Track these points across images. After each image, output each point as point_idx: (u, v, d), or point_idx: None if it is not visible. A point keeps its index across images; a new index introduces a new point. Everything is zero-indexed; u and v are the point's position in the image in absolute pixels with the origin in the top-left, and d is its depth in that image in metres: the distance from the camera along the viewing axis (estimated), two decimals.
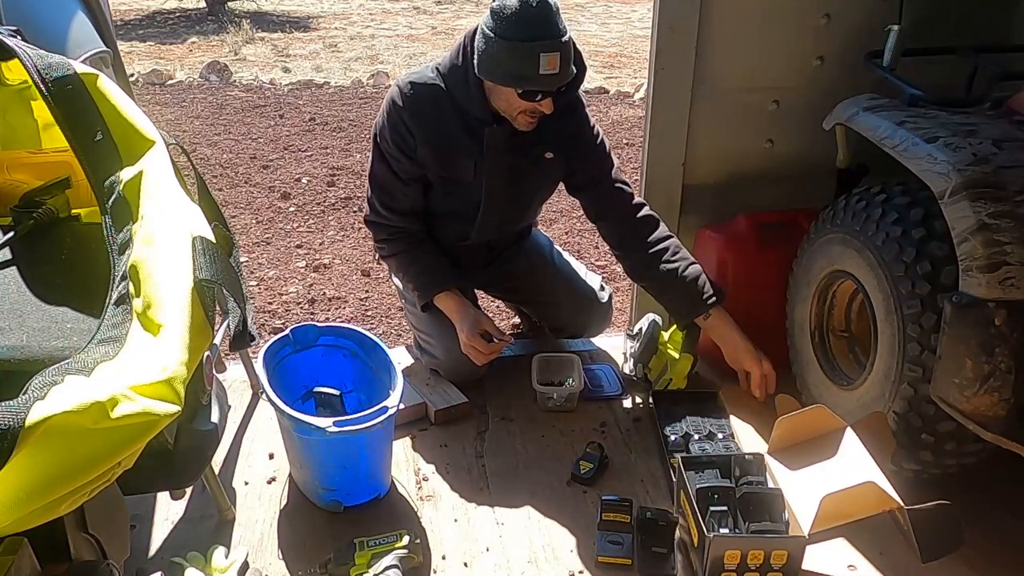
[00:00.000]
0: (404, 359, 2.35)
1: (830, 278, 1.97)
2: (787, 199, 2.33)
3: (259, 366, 1.79)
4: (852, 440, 1.68)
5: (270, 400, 1.69)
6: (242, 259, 2.96)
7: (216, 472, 1.78)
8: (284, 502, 1.82)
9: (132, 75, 6.42)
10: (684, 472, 1.67)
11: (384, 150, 2.02)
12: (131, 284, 1.08)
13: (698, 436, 1.96)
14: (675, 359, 2.15)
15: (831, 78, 2.27)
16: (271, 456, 1.97)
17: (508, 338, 2.13)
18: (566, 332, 2.45)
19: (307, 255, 3.56)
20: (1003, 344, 1.47)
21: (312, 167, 4.67)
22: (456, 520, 1.77)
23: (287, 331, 1.91)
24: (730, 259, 2.25)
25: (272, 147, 5.07)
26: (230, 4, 10.54)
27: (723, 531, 1.56)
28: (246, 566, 1.57)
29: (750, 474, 1.70)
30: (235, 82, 6.81)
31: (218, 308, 1.29)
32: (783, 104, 2.34)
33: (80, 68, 1.20)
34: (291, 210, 4.06)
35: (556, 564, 1.65)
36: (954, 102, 1.85)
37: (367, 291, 3.24)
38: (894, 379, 1.71)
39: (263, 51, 8.22)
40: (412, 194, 2.06)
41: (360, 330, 1.93)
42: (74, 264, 1.31)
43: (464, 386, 2.17)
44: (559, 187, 2.22)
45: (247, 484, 1.88)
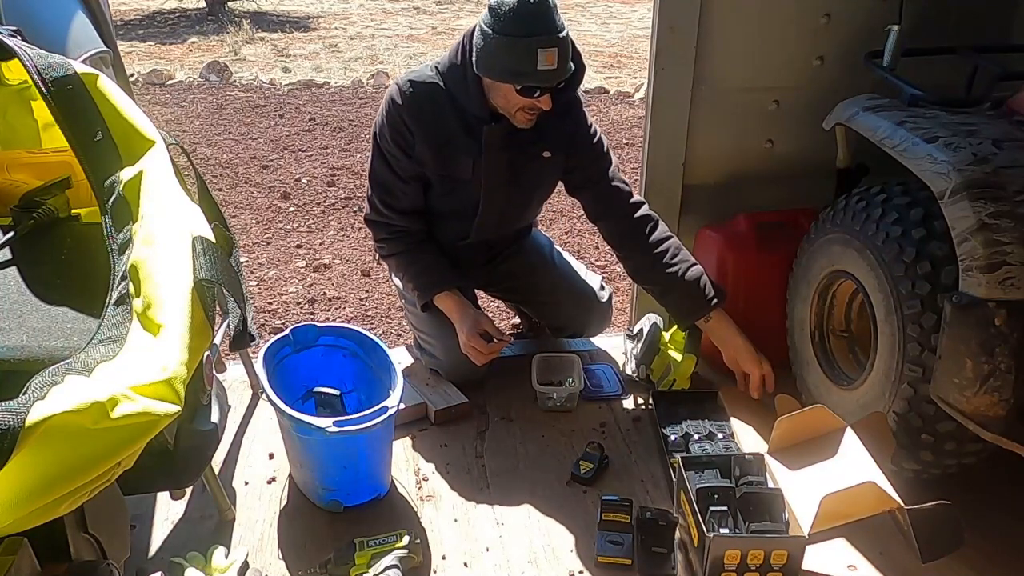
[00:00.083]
0: (404, 359, 2.35)
1: (830, 278, 1.97)
2: (787, 199, 2.33)
3: (259, 366, 1.79)
4: (852, 440, 1.68)
5: (270, 400, 1.69)
6: (242, 259, 2.96)
7: (216, 472, 1.78)
8: (284, 502, 1.82)
9: (132, 75, 6.42)
10: (684, 472, 1.67)
11: (384, 148, 2.02)
12: (131, 284, 1.08)
13: (698, 436, 1.96)
14: (677, 360, 2.16)
15: (831, 78, 2.27)
16: (271, 456, 1.97)
17: (508, 338, 2.13)
18: (566, 332, 2.45)
19: (307, 255, 3.56)
20: (1003, 344, 1.47)
21: (312, 167, 4.67)
22: (456, 520, 1.77)
23: (287, 331, 1.91)
24: (730, 259, 2.25)
25: (272, 147, 5.07)
26: (230, 4, 10.54)
27: (723, 531, 1.56)
28: (246, 566, 1.57)
29: (750, 474, 1.70)
30: (235, 82, 6.81)
31: (218, 308, 1.29)
32: (783, 104, 2.34)
33: (80, 68, 1.20)
34: (291, 210, 4.06)
35: (556, 564, 1.65)
36: (954, 102, 1.85)
37: (367, 291, 3.24)
38: (894, 379, 1.71)
39: (263, 51, 8.22)
40: (412, 193, 2.06)
41: (360, 330, 1.93)
42: (74, 264, 1.31)
43: (464, 386, 2.17)
44: (559, 188, 2.23)
45: (247, 484, 1.88)
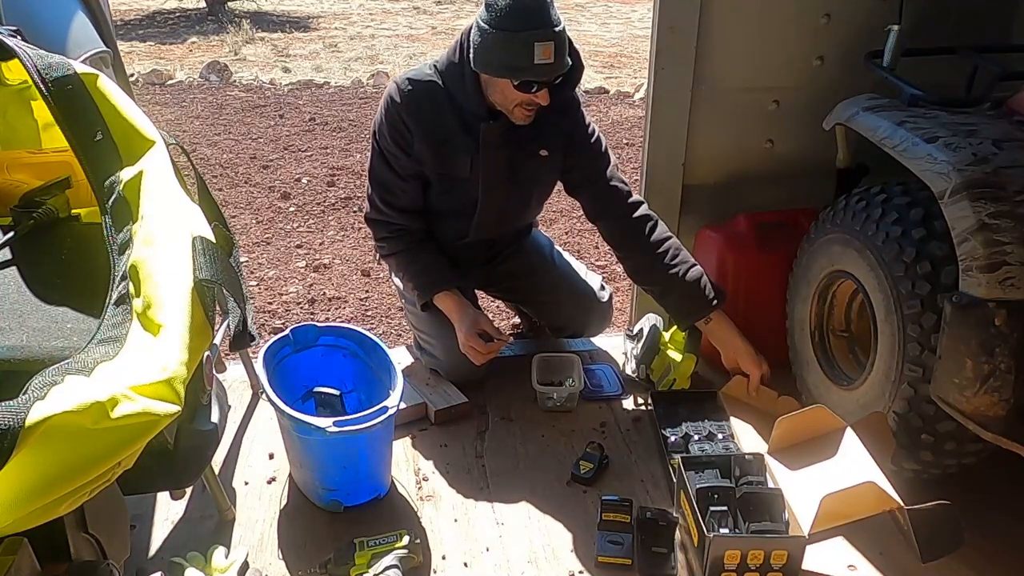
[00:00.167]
0: (404, 359, 2.35)
1: (830, 278, 1.97)
2: (787, 199, 2.33)
3: (259, 366, 1.79)
4: (852, 440, 1.68)
5: (270, 400, 1.69)
6: (242, 259, 2.96)
7: (216, 472, 1.78)
8: (284, 502, 1.82)
9: (132, 75, 6.42)
10: (684, 472, 1.67)
11: (383, 147, 2.03)
12: (131, 284, 1.08)
13: (698, 437, 1.96)
14: (677, 360, 2.16)
15: (831, 78, 2.27)
16: (271, 456, 1.97)
17: (507, 338, 2.13)
18: (566, 332, 2.45)
19: (307, 255, 3.56)
20: (1003, 344, 1.47)
21: (312, 167, 4.67)
22: (456, 520, 1.77)
23: (287, 331, 1.91)
24: (730, 259, 2.25)
25: (272, 147, 5.07)
26: (230, 4, 10.54)
27: (723, 531, 1.56)
28: (246, 566, 1.57)
29: (750, 474, 1.70)
30: (235, 82, 6.81)
31: (218, 308, 1.29)
32: (783, 104, 2.34)
33: (80, 68, 1.20)
34: (291, 210, 4.06)
35: (556, 564, 1.65)
36: (954, 102, 1.85)
37: (367, 291, 3.23)
38: (894, 379, 1.71)
39: (263, 51, 8.22)
40: (411, 191, 2.06)
41: (360, 330, 1.93)
42: (74, 264, 1.31)
43: (464, 386, 2.17)
44: (559, 188, 2.22)
45: (247, 484, 1.88)
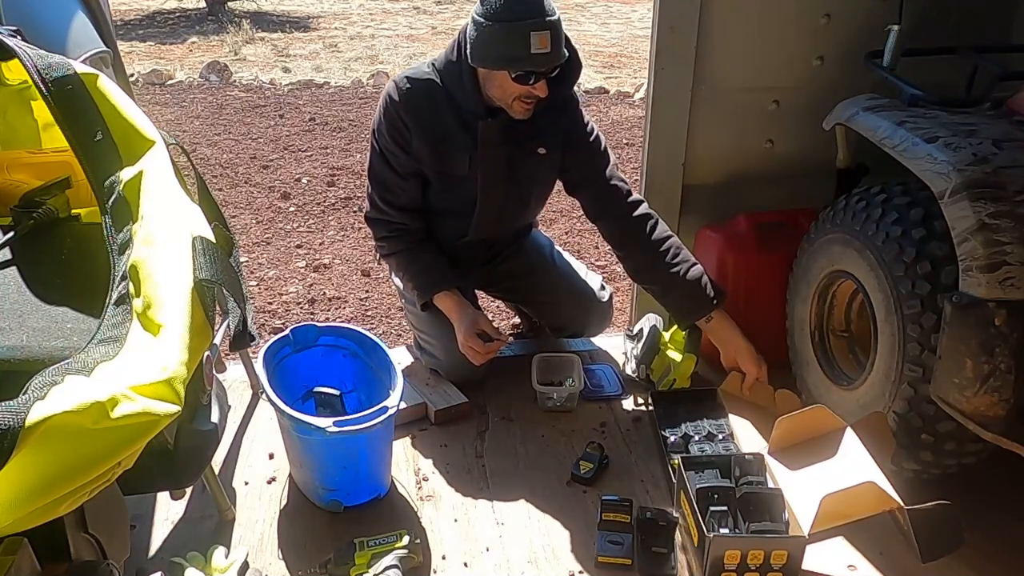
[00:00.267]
0: (404, 359, 2.35)
1: (830, 278, 1.97)
2: (787, 199, 2.33)
3: (259, 366, 1.79)
4: (852, 440, 1.68)
5: (270, 400, 1.69)
6: (242, 259, 2.96)
7: (216, 472, 1.78)
8: (284, 502, 1.82)
9: (132, 75, 6.41)
10: (684, 472, 1.67)
11: (382, 145, 2.03)
12: (131, 284, 1.08)
13: (698, 437, 1.96)
14: (677, 360, 2.15)
15: (831, 78, 2.27)
16: (271, 456, 1.97)
17: (506, 338, 2.13)
18: (566, 332, 2.45)
19: (307, 255, 3.56)
20: (1003, 344, 1.47)
21: (312, 167, 4.67)
22: (456, 520, 1.77)
23: (287, 331, 1.91)
24: (730, 259, 2.25)
25: (272, 147, 5.07)
26: (230, 4, 10.54)
27: (723, 531, 1.56)
28: (246, 566, 1.57)
29: (750, 474, 1.70)
30: (235, 82, 6.81)
31: (218, 308, 1.29)
32: (783, 104, 2.34)
33: (80, 68, 1.20)
34: (291, 210, 4.06)
35: (556, 564, 1.65)
36: (954, 102, 1.85)
37: (367, 291, 3.23)
38: (894, 379, 1.71)
39: (263, 51, 8.22)
40: (411, 189, 2.06)
41: (360, 330, 1.93)
42: (74, 264, 1.31)
43: (464, 386, 2.17)
44: (558, 188, 2.22)
45: (247, 484, 1.88)
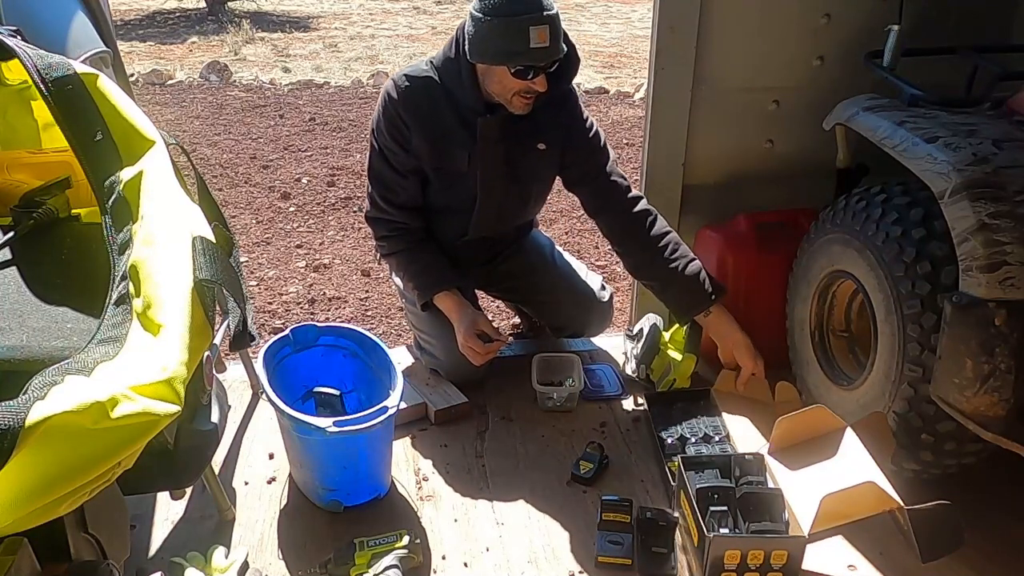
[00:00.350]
0: (404, 359, 2.35)
1: (830, 278, 1.97)
2: (787, 199, 2.33)
3: (259, 366, 1.79)
4: (852, 440, 1.68)
5: (270, 400, 1.69)
6: (242, 259, 2.96)
7: (216, 472, 1.78)
8: (284, 502, 1.82)
9: (132, 75, 6.41)
10: (684, 472, 1.67)
11: (381, 144, 2.03)
12: (131, 284, 1.08)
13: (694, 439, 1.96)
14: (677, 359, 2.15)
15: (831, 78, 2.27)
16: (271, 456, 1.97)
17: (506, 338, 2.13)
18: (566, 331, 2.45)
19: (307, 255, 3.56)
20: (1003, 344, 1.47)
21: (312, 167, 4.67)
22: (456, 520, 1.77)
23: (287, 331, 1.91)
24: (730, 259, 2.25)
25: (272, 147, 5.06)
26: (230, 4, 10.54)
27: (723, 531, 1.56)
28: (246, 566, 1.57)
29: (750, 474, 1.70)
30: (235, 82, 6.80)
31: (218, 308, 1.29)
32: (783, 104, 2.34)
33: (80, 68, 1.20)
34: (291, 210, 4.06)
35: (556, 564, 1.65)
36: (954, 102, 1.85)
37: (367, 291, 3.23)
38: (894, 379, 1.71)
39: (263, 51, 8.22)
40: (410, 188, 2.07)
41: (360, 330, 1.93)
42: (74, 264, 1.31)
43: (464, 386, 2.17)
44: (558, 187, 2.22)
45: (247, 484, 1.88)
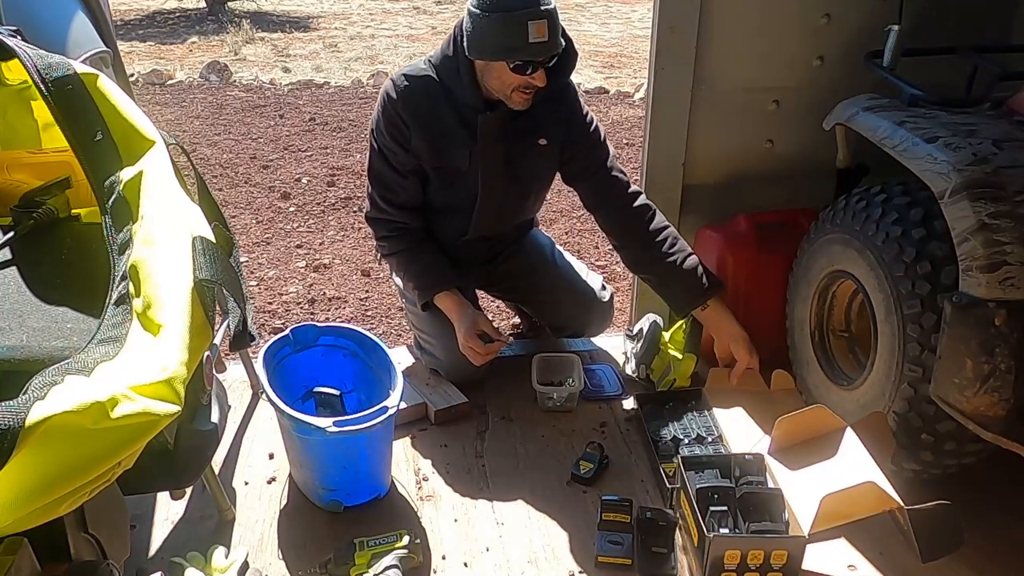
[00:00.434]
0: (404, 359, 2.35)
1: (830, 278, 1.97)
2: (787, 199, 2.33)
3: (259, 366, 1.79)
4: (852, 440, 1.68)
5: (270, 400, 1.69)
6: (242, 259, 2.96)
7: (216, 472, 1.78)
8: (284, 502, 1.82)
9: (132, 75, 6.41)
10: (684, 472, 1.67)
11: (381, 144, 2.03)
12: (131, 284, 1.08)
13: (687, 439, 1.96)
14: (678, 359, 2.16)
15: (831, 78, 2.27)
16: (271, 456, 1.97)
17: (506, 339, 2.13)
18: (567, 331, 2.45)
19: (307, 255, 3.56)
20: (1003, 344, 1.47)
21: (312, 167, 4.67)
22: (456, 520, 1.77)
23: (287, 331, 1.91)
24: (730, 259, 2.25)
25: (272, 147, 5.06)
26: (230, 4, 10.54)
27: (723, 531, 1.56)
28: (246, 566, 1.57)
29: (750, 474, 1.70)
30: (235, 82, 6.80)
31: (218, 308, 1.29)
32: (783, 104, 2.34)
33: (80, 68, 1.20)
34: (291, 210, 4.05)
35: (556, 564, 1.65)
36: (954, 102, 1.85)
37: (367, 291, 3.23)
38: (894, 379, 1.71)
39: (263, 51, 8.21)
40: (410, 188, 2.07)
41: (360, 330, 1.93)
42: (74, 264, 1.31)
43: (464, 386, 2.17)
44: (558, 185, 2.22)
45: (247, 484, 1.88)
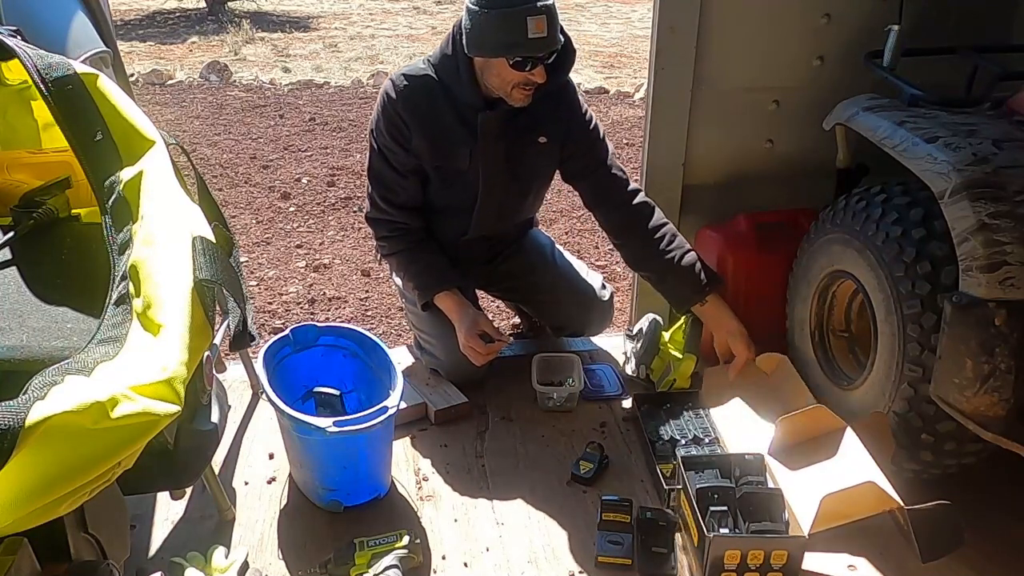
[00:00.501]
0: (404, 359, 2.35)
1: (830, 278, 1.97)
2: (787, 199, 2.33)
3: (259, 366, 1.79)
4: (852, 440, 1.69)
5: (270, 400, 1.69)
6: (242, 259, 2.96)
7: (216, 472, 1.78)
8: (284, 502, 1.82)
9: (132, 75, 6.41)
10: (684, 472, 1.67)
11: (381, 144, 2.03)
12: (131, 284, 1.08)
13: (684, 441, 1.96)
14: (678, 359, 2.15)
15: (831, 78, 2.27)
16: (271, 456, 1.97)
17: (506, 338, 2.13)
18: (567, 330, 2.45)
19: (307, 255, 3.56)
20: (1003, 344, 1.47)
21: (312, 167, 4.67)
22: (456, 520, 1.77)
23: (287, 331, 1.91)
24: (730, 259, 2.25)
25: (272, 147, 5.06)
26: (230, 4, 10.54)
27: (723, 531, 1.56)
28: (246, 566, 1.57)
29: (750, 474, 1.70)
30: (235, 82, 6.80)
31: (218, 308, 1.29)
32: (783, 104, 2.34)
33: (80, 68, 1.20)
34: (291, 210, 4.05)
35: (556, 564, 1.65)
36: (954, 102, 1.85)
37: (367, 291, 3.23)
38: (894, 379, 1.71)
39: (263, 51, 8.21)
40: (410, 187, 2.07)
41: (360, 330, 1.93)
42: (74, 264, 1.31)
43: (464, 386, 2.17)
44: (558, 187, 2.22)
45: (247, 484, 1.88)
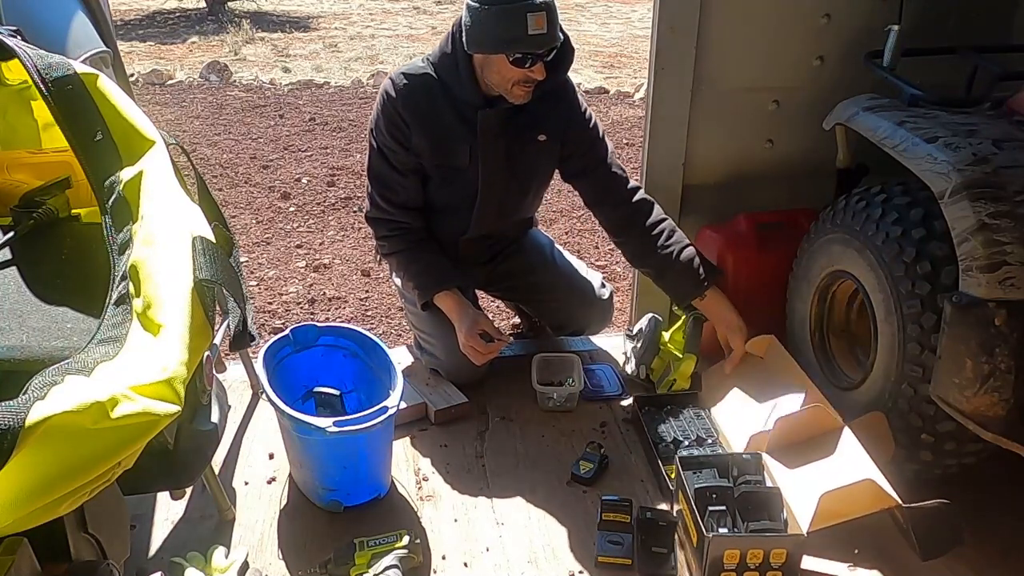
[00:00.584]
0: (404, 359, 2.35)
1: (830, 278, 1.97)
2: (787, 199, 2.34)
3: (259, 366, 1.79)
4: (850, 438, 1.69)
5: (270, 400, 1.69)
6: (242, 259, 2.96)
7: (216, 472, 1.78)
8: (284, 502, 1.82)
9: (132, 75, 6.41)
10: (682, 472, 1.67)
11: (380, 143, 2.03)
12: (131, 284, 1.08)
13: (687, 441, 1.96)
14: (678, 359, 2.15)
15: (831, 78, 2.27)
16: (271, 456, 1.97)
17: (507, 338, 2.13)
18: (567, 330, 2.45)
19: (307, 255, 3.56)
20: (1003, 344, 1.47)
21: (312, 167, 4.67)
22: (456, 520, 1.77)
23: (287, 331, 1.91)
24: (730, 259, 2.25)
25: (272, 147, 5.06)
26: (230, 4, 10.53)
27: (722, 531, 1.56)
28: (246, 566, 1.57)
29: (748, 473, 1.70)
30: (235, 82, 6.80)
31: (218, 308, 1.29)
32: (783, 104, 2.34)
33: (80, 68, 1.20)
34: (291, 210, 4.05)
35: (556, 564, 1.65)
36: (954, 102, 1.85)
37: (367, 291, 3.23)
38: (894, 379, 1.71)
39: (263, 51, 8.21)
40: (410, 186, 2.07)
41: (360, 330, 1.93)
42: (74, 264, 1.31)
43: (464, 386, 2.17)
44: (557, 186, 2.22)
45: (247, 484, 1.88)
